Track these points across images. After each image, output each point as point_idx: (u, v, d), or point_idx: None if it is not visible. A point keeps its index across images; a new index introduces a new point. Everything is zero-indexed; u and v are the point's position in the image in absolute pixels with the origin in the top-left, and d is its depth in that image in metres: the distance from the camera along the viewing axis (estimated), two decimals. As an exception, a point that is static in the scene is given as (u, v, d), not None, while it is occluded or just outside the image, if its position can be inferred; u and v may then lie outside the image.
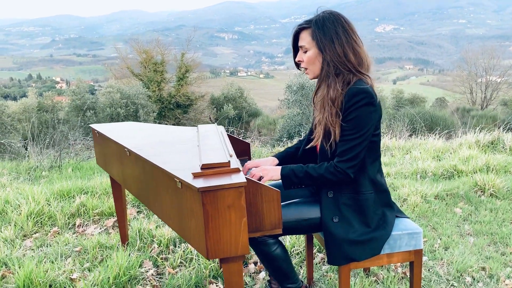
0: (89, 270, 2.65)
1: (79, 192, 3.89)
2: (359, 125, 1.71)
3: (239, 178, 1.48)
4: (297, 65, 1.89)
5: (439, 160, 4.86)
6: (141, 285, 2.48)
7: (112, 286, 2.41)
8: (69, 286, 2.44)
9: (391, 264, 2.58)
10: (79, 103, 19.80)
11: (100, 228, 3.35)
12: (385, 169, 4.45)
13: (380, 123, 1.86)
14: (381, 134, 6.32)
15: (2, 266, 2.73)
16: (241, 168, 1.58)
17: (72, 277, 2.54)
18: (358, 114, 1.70)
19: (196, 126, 2.39)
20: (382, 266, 2.57)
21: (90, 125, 2.80)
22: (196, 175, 1.52)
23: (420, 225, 3.14)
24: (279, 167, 1.84)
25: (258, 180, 1.83)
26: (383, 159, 5.09)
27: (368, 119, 1.72)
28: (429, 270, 2.57)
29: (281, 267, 1.93)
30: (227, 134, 2.38)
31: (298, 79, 12.63)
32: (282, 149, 5.88)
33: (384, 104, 16.11)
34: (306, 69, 1.85)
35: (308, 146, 1.95)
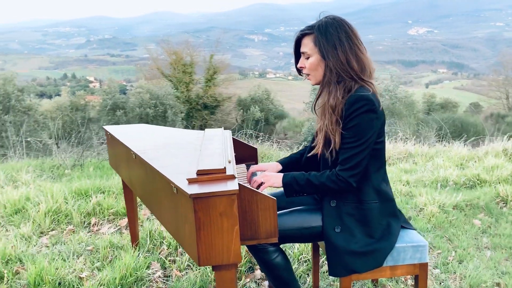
0: (98, 270, 2.69)
1: (96, 191, 3.97)
2: (360, 133, 1.67)
3: (233, 185, 1.46)
4: (299, 71, 1.87)
5: (463, 168, 4.70)
6: (147, 286, 2.50)
7: (118, 286, 2.43)
8: (78, 285, 2.49)
9: (401, 277, 2.50)
10: (110, 102, 20.25)
11: (114, 228, 3.40)
12: (404, 177, 4.35)
13: (384, 131, 1.81)
14: (407, 140, 6.18)
15: (17, 262, 2.81)
16: (236, 175, 1.56)
17: (81, 275, 2.59)
18: (359, 122, 1.66)
19: (204, 130, 2.39)
20: (392, 278, 2.50)
21: (103, 126, 2.85)
22: (191, 181, 1.52)
23: (435, 237, 3.05)
24: (281, 174, 1.82)
25: (258, 186, 1.82)
26: (405, 165, 4.98)
27: (369, 127, 1.67)
28: (440, 283, 2.49)
29: (282, 275, 1.91)
30: (235, 139, 2.38)
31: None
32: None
33: (413, 108, 15.76)
34: (308, 75, 1.82)
35: (310, 154, 1.92)
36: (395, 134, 6.45)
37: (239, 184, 1.53)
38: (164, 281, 2.57)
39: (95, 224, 3.48)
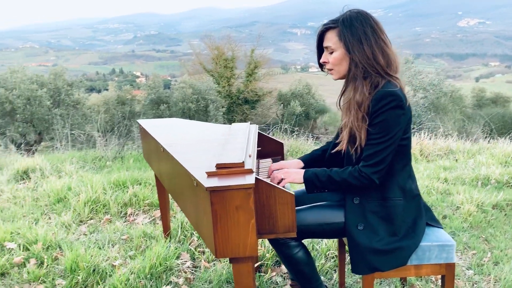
0: (131, 258, 2.79)
1: (134, 182, 4.10)
2: (386, 129, 1.64)
3: (249, 179, 1.48)
4: (321, 66, 1.84)
5: (507, 166, 4.48)
6: (175, 276, 2.57)
7: (148, 275, 2.52)
8: (110, 272, 2.59)
9: (432, 276, 2.43)
10: (154, 97, 20.78)
11: (149, 219, 3.51)
12: (443, 174, 4.21)
13: (410, 127, 1.77)
14: (448, 135, 5.97)
15: (56, 249, 2.96)
16: (254, 169, 1.58)
17: (114, 263, 2.70)
18: (386, 118, 1.63)
19: (230, 124, 2.41)
20: (421, 277, 2.44)
21: (138, 120, 2.94)
22: (210, 174, 1.55)
23: (470, 237, 2.94)
24: (302, 170, 1.81)
25: (278, 182, 1.82)
26: (445, 162, 4.81)
27: (395, 123, 1.64)
28: (473, 285, 2.40)
29: (303, 270, 1.91)
30: (261, 133, 2.39)
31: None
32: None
33: (460, 103, 15.13)
34: (330, 69, 1.80)
35: (334, 150, 1.90)
36: (435, 130, 6.24)
37: (257, 178, 1.55)
38: (193, 271, 2.63)
39: (131, 214, 3.60)
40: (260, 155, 2.41)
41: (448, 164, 4.73)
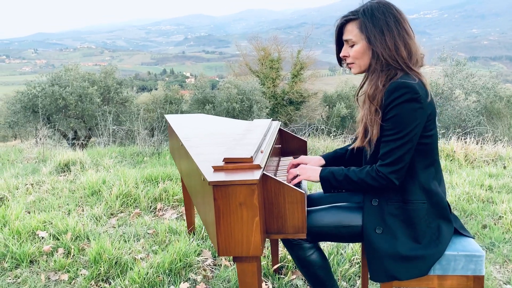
0: (154, 253, 2.80)
1: (165, 178, 4.14)
2: (400, 124, 1.51)
3: (254, 175, 1.41)
4: (340, 60, 1.74)
5: None
6: (194, 273, 2.54)
7: (167, 270, 2.50)
8: (132, 266, 2.60)
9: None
10: (200, 97, 21.14)
11: (177, 214, 3.51)
12: (488, 181, 3.93)
13: (435, 123, 1.62)
14: (498, 141, 5.59)
15: (84, 239, 3.02)
16: (262, 165, 1.50)
17: (137, 257, 2.71)
18: (399, 112, 1.50)
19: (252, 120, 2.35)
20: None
21: (165, 115, 2.94)
22: (216, 169, 1.50)
23: (512, 249, 2.70)
24: (319, 168, 1.72)
25: (293, 178, 1.74)
26: (491, 169, 4.50)
27: (411, 118, 1.50)
28: (511, 302, 2.19)
29: (317, 274, 1.81)
30: (284, 131, 2.31)
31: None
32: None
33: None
34: (351, 63, 1.68)
35: (351, 146, 1.79)
36: (482, 135, 5.87)
37: (265, 174, 1.48)
38: (213, 269, 2.59)
39: (160, 209, 3.63)
40: (283, 153, 2.33)
41: (495, 171, 4.42)
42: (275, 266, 2.45)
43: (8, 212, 3.42)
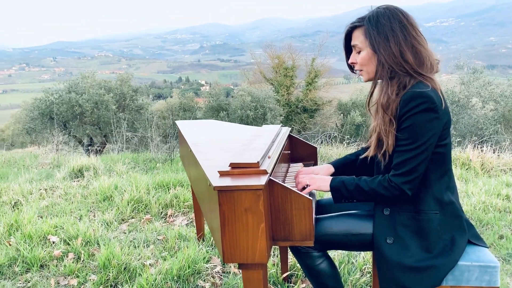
0: (163, 259, 2.78)
1: (176, 184, 4.13)
2: (416, 135, 1.47)
3: (260, 180, 1.38)
4: (350, 67, 1.71)
5: None
6: (203, 280, 2.51)
7: (175, 277, 2.49)
8: (140, 271, 2.59)
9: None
10: (214, 104, 21.25)
11: (187, 220, 3.50)
12: (505, 190, 3.82)
13: (450, 132, 1.58)
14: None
15: (94, 245, 3.03)
16: (268, 170, 1.48)
17: (146, 263, 2.70)
18: (415, 122, 1.46)
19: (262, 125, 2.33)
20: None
21: (176, 121, 2.95)
22: (222, 174, 1.48)
23: (531, 260, 2.62)
24: (330, 178, 1.68)
25: (302, 189, 1.71)
26: (508, 178, 4.39)
27: (427, 128, 1.46)
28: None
29: (327, 283, 1.77)
30: (294, 137, 2.29)
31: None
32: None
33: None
34: (360, 70, 1.66)
35: (363, 156, 1.76)
36: (499, 143, 5.74)
37: (271, 180, 1.45)
38: (221, 276, 2.56)
39: (171, 215, 3.62)
40: (292, 160, 2.30)
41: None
42: (285, 275, 2.41)
43: (21, 216, 3.45)
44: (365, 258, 2.59)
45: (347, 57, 1.70)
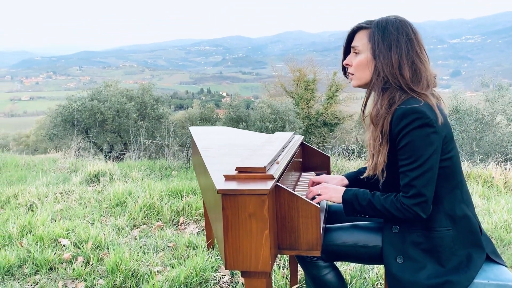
0: (172, 266, 2.74)
1: (189, 192, 4.11)
2: (416, 152, 1.40)
3: (265, 185, 1.34)
4: (344, 69, 1.66)
5: None
6: (210, 289, 2.46)
7: (182, 284, 2.44)
8: (148, 278, 2.56)
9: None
10: (234, 115, 21.32)
11: (198, 228, 3.46)
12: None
13: (453, 143, 1.50)
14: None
15: (104, 249, 3.01)
16: (275, 176, 1.43)
17: (154, 270, 2.67)
18: (412, 139, 1.40)
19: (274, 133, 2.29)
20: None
21: (190, 127, 2.93)
22: (228, 178, 1.44)
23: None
24: (342, 188, 1.61)
25: (313, 198, 1.65)
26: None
27: (426, 144, 1.39)
28: None
29: None
30: (307, 145, 2.24)
31: (452, 102, 11.45)
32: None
33: None
34: (352, 74, 1.60)
35: (363, 176, 1.67)
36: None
37: (278, 186, 1.41)
38: (229, 287, 2.51)
39: (182, 223, 3.59)
40: (304, 169, 2.25)
41: (538, 199, 4.14)
42: (294, 287, 2.34)
43: (35, 218, 3.47)
44: (378, 273, 2.50)
45: (344, 58, 1.65)
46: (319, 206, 1.40)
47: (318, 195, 1.65)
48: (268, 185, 1.33)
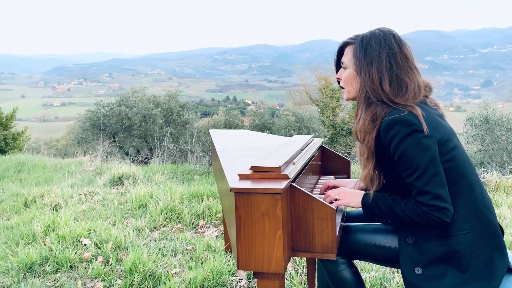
0: (189, 269, 2.74)
1: (210, 195, 4.11)
2: (414, 162, 1.37)
3: (279, 184, 1.31)
4: (338, 82, 1.68)
5: None
6: (226, 293, 2.44)
7: (198, 287, 2.43)
8: (165, 279, 2.56)
9: None
10: (258, 123, 21.37)
11: (218, 232, 3.45)
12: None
13: (453, 144, 1.45)
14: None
15: (124, 250, 3.04)
16: (290, 176, 1.40)
17: (172, 271, 2.67)
18: (404, 150, 1.37)
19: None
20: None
21: (210, 130, 2.93)
22: (242, 177, 1.42)
23: None
24: (362, 193, 1.57)
25: (331, 203, 1.61)
26: None
27: (421, 149, 1.36)
28: None
29: None
30: (327, 149, 2.20)
31: (482, 111, 11.14)
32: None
33: None
34: (342, 87, 1.62)
35: (370, 192, 1.62)
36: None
37: (293, 186, 1.38)
38: (246, 291, 2.48)
39: (202, 226, 3.59)
40: (324, 172, 2.21)
41: None
42: (311, 294, 2.29)
43: (58, 218, 3.54)
44: (398, 283, 2.43)
45: (337, 71, 1.68)
46: (334, 208, 1.37)
47: (336, 199, 1.62)
48: (282, 185, 1.31)
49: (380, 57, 1.48)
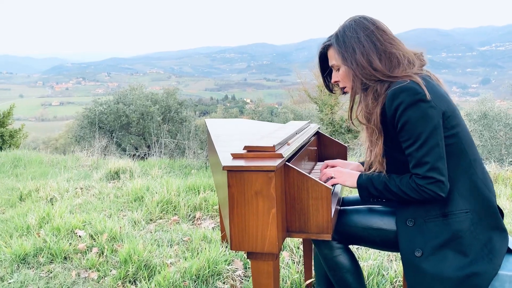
0: (185, 259, 2.71)
1: (207, 188, 4.08)
2: (415, 130, 1.34)
3: (273, 162, 1.28)
4: (329, 88, 1.71)
5: None
6: (222, 282, 2.41)
7: (193, 276, 2.40)
8: (160, 269, 2.53)
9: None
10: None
11: (214, 224, 3.42)
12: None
13: (457, 120, 1.42)
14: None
15: (119, 241, 3.00)
16: (284, 155, 1.37)
17: (167, 261, 2.63)
18: (408, 119, 1.35)
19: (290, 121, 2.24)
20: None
21: (205, 119, 2.90)
22: (235, 156, 1.39)
23: None
24: (357, 173, 1.55)
25: (325, 181, 1.59)
26: None
27: (424, 119, 1.34)
28: None
29: (345, 278, 1.62)
30: (323, 135, 2.17)
31: (480, 107, 11.14)
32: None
33: None
34: (344, 87, 1.60)
35: (369, 172, 1.60)
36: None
37: (287, 165, 1.35)
38: (242, 280, 2.45)
39: (199, 218, 3.56)
40: (320, 159, 2.18)
41: None
42: (308, 281, 2.26)
43: (53, 210, 3.50)
44: (396, 270, 2.40)
45: (324, 78, 1.70)
46: (330, 187, 1.34)
47: (332, 177, 1.59)
48: (276, 162, 1.28)
49: (360, 41, 1.47)
